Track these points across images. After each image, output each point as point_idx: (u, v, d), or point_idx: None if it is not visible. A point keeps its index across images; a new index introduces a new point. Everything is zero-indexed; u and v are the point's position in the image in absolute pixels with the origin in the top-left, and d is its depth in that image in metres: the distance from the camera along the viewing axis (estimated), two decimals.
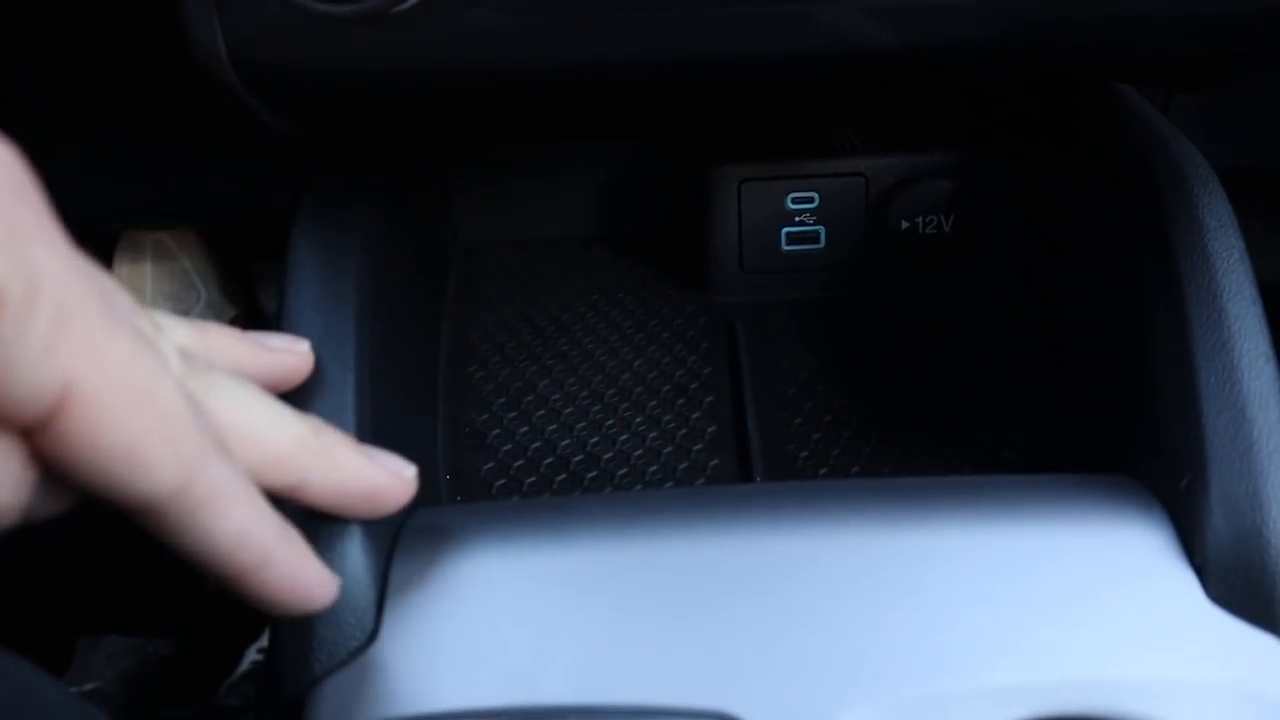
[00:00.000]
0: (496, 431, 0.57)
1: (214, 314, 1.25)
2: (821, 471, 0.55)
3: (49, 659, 0.38)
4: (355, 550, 0.40)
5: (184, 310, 1.22)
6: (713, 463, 0.55)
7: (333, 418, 0.41)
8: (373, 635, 0.39)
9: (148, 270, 1.24)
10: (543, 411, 0.58)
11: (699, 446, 0.56)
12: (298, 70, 0.41)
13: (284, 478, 0.34)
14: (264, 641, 0.96)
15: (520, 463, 0.56)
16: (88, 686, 0.85)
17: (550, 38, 0.41)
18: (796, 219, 0.62)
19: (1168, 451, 0.43)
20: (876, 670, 0.37)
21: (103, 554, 1.07)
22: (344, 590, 0.39)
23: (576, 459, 0.56)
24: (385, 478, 0.37)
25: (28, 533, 0.96)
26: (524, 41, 0.41)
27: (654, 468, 0.56)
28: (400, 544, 0.42)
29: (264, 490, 0.32)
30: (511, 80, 0.44)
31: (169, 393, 0.28)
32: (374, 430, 0.44)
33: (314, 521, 0.40)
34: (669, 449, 0.56)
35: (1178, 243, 0.46)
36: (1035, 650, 0.38)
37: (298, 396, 0.43)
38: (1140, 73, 0.54)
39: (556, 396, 0.59)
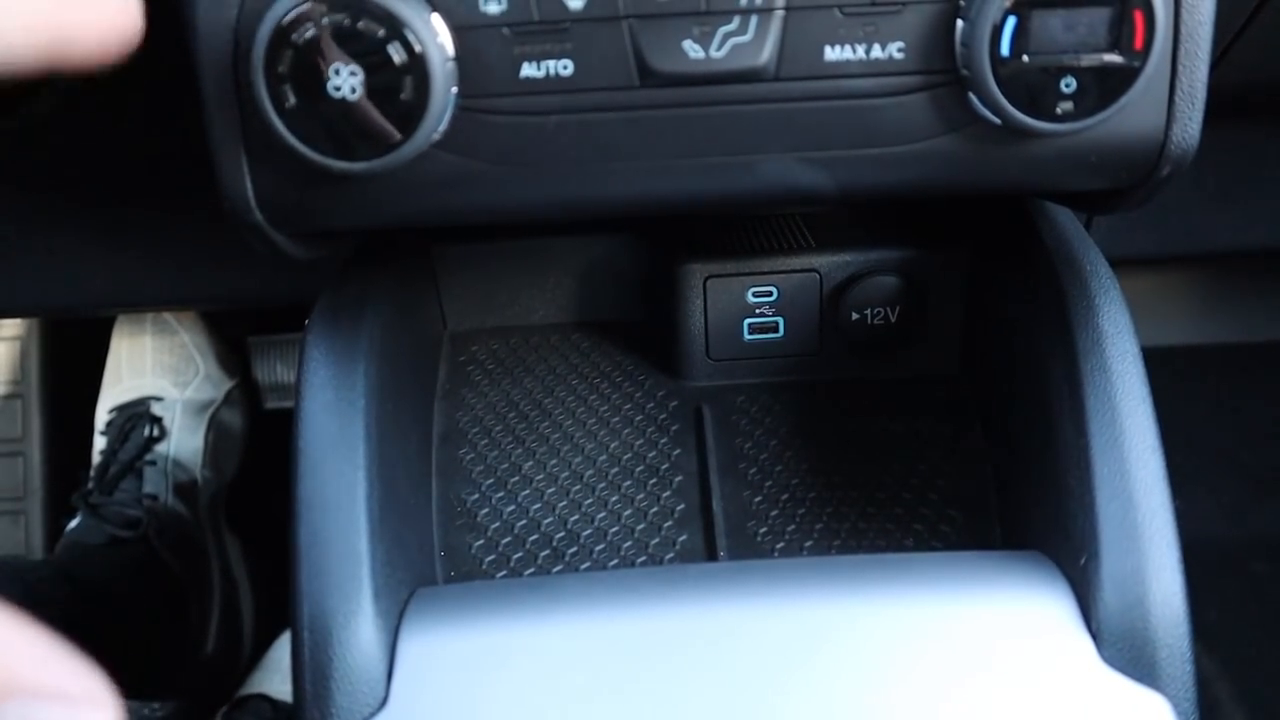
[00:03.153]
0: (485, 510, 0.63)
1: (212, 386, 1.30)
2: (778, 546, 0.61)
3: None
4: (367, 627, 0.46)
5: (184, 382, 1.28)
6: (681, 538, 0.62)
7: (350, 510, 0.47)
8: (383, 702, 0.45)
9: (148, 344, 1.29)
10: (527, 491, 0.64)
11: (669, 523, 0.62)
12: (315, 212, 0.48)
13: None
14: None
15: (508, 540, 0.62)
16: None
17: (527, 183, 0.47)
18: (757, 311, 0.69)
19: (1070, 533, 0.49)
20: None
21: (100, 619, 1.12)
22: (358, 662, 0.45)
23: (559, 536, 0.62)
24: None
25: (27, 601, 1.00)
26: (505, 185, 0.47)
27: (628, 543, 0.62)
28: (406, 621, 0.48)
29: None
30: (499, 212, 0.51)
31: None
32: (382, 519, 0.50)
33: (329, 600, 0.46)
34: (642, 525, 0.63)
35: (1080, 348, 0.52)
36: (948, 711, 0.44)
37: (318, 484, 0.49)
38: (1050, 196, 0.61)
39: (540, 477, 0.65)
